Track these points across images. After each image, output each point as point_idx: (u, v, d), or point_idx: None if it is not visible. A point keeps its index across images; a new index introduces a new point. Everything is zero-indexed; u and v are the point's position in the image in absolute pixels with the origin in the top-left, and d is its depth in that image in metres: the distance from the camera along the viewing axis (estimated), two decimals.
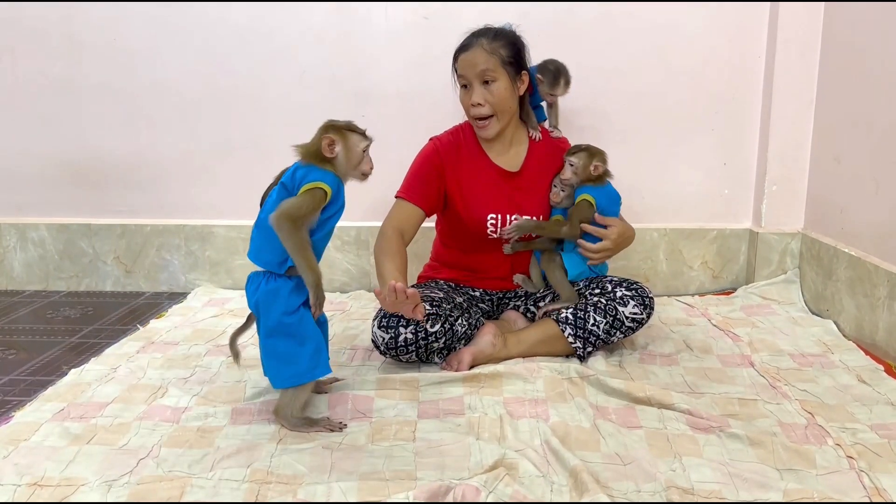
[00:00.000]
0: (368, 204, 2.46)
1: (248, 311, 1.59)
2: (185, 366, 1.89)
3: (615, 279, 1.97)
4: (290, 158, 1.58)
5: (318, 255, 1.52)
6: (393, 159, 2.07)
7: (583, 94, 2.50)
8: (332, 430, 1.52)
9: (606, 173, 1.99)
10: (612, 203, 2.00)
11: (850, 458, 1.39)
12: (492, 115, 1.93)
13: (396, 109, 2.56)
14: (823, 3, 2.34)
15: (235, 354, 1.62)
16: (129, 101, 2.62)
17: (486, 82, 1.89)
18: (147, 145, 2.65)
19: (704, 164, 2.58)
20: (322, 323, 1.60)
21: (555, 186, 2.02)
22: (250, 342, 2.07)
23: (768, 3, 2.43)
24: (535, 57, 2.44)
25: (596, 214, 1.96)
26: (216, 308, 2.42)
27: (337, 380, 1.76)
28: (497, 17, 2.43)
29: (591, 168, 1.94)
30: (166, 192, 2.69)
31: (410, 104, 2.55)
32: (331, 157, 1.50)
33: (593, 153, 1.96)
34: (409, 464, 1.39)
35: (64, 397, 1.70)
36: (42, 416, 1.59)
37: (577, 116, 2.52)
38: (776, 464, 1.38)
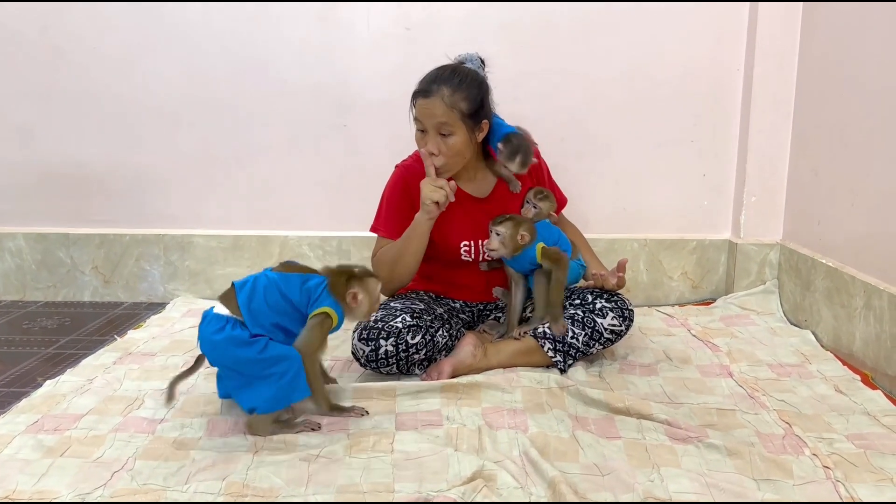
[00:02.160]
0: (349, 214, 2.46)
1: (198, 353, 1.58)
2: (162, 377, 1.87)
3: (596, 290, 1.97)
4: (269, 167, 1.57)
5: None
6: (373, 169, 2.08)
7: (564, 105, 2.53)
8: (312, 430, 1.56)
9: (532, 238, 1.88)
10: (549, 233, 1.95)
11: (827, 468, 1.40)
12: (445, 164, 1.88)
13: (378, 119, 2.56)
14: (801, 17, 2.37)
15: (170, 397, 1.60)
16: (108, 110, 2.60)
17: (443, 134, 1.84)
18: (126, 154, 2.63)
19: (684, 175, 2.60)
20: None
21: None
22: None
23: (747, 17, 2.46)
24: (514, 70, 2.46)
25: (593, 273, 1.96)
26: (195, 319, 2.37)
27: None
28: (477, 30, 2.47)
29: (518, 238, 1.85)
30: (145, 201, 2.67)
31: (392, 114, 2.54)
32: (355, 306, 1.58)
33: (518, 222, 1.87)
34: (387, 476, 1.38)
35: (38, 409, 1.67)
36: (15, 429, 1.57)
37: (559, 128, 2.54)
38: (754, 474, 1.38)
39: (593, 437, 1.52)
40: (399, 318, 1.81)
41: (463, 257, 2.00)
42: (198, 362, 1.60)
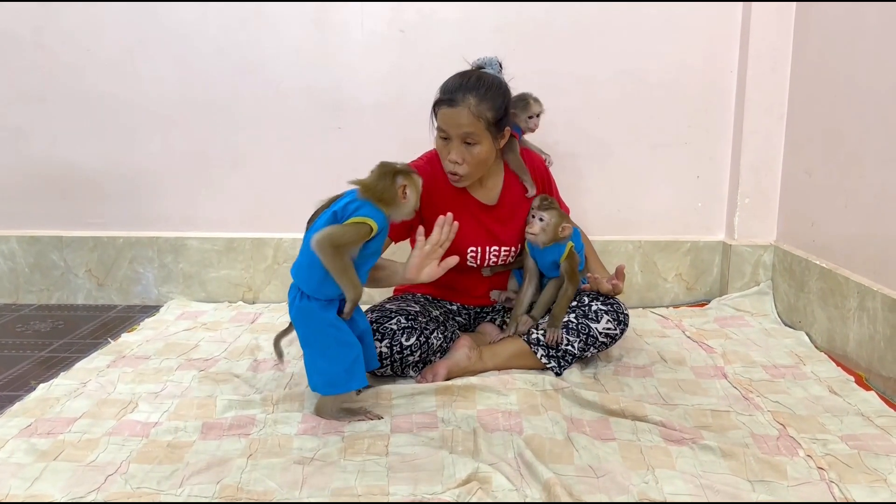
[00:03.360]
0: None
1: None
2: (155, 380, 1.87)
3: (592, 293, 1.96)
4: (264, 170, 1.57)
5: (363, 277, 1.57)
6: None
7: (559, 108, 2.52)
8: (371, 419, 1.61)
9: (569, 235, 1.89)
10: (578, 240, 1.97)
11: (821, 469, 1.40)
12: (469, 172, 1.85)
13: (372, 121, 2.56)
14: (794, 19, 2.38)
15: (279, 354, 1.70)
16: (102, 112, 2.59)
17: (468, 143, 1.81)
18: (120, 156, 2.62)
19: (678, 177, 2.60)
20: (366, 331, 1.67)
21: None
22: (222, 356, 2.06)
23: (740, 18, 2.47)
24: (508, 72, 2.46)
25: (588, 276, 1.96)
26: (189, 321, 2.40)
27: (370, 386, 1.76)
28: (471, 32, 2.47)
29: (560, 229, 1.86)
30: (139, 203, 2.67)
31: (387, 116, 2.55)
32: (403, 201, 1.57)
33: (562, 215, 1.88)
34: (382, 479, 1.38)
35: (31, 413, 1.67)
36: (8, 433, 1.56)
37: (554, 130, 2.53)
38: (748, 475, 1.39)
39: (588, 438, 1.52)
40: (394, 320, 1.80)
41: (469, 263, 1.99)
42: (290, 326, 1.67)
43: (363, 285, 1.57)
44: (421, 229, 1.69)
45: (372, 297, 2.65)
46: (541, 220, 1.87)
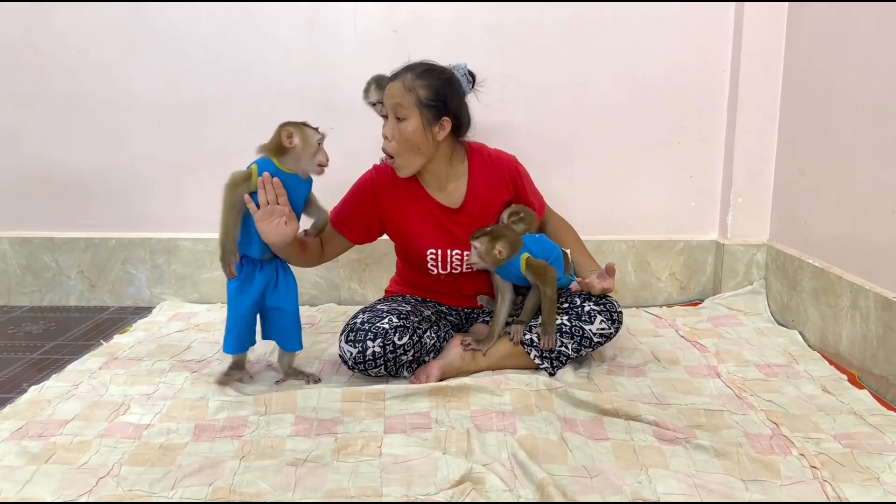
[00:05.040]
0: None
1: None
2: (148, 382, 1.86)
3: (584, 293, 1.96)
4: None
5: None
6: (360, 172, 2.05)
7: (551, 107, 2.53)
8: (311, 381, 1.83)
9: (513, 251, 1.83)
10: (543, 249, 1.91)
11: (814, 468, 1.41)
12: (397, 154, 1.85)
13: (366, 123, 2.54)
14: (787, 18, 2.39)
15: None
16: (93, 113, 2.58)
17: (399, 118, 1.82)
18: (112, 158, 2.61)
19: (671, 176, 2.61)
20: (274, 309, 1.82)
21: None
22: (215, 357, 2.05)
23: (733, 18, 2.47)
24: (501, 73, 2.47)
25: (577, 280, 1.94)
26: (182, 323, 2.39)
27: (282, 380, 1.89)
28: (464, 32, 2.47)
29: (496, 252, 1.81)
30: (131, 204, 2.66)
31: (379, 117, 2.54)
32: (290, 147, 1.68)
33: (496, 236, 1.82)
34: (375, 480, 1.38)
35: (23, 415, 1.66)
36: None
37: (546, 130, 2.54)
38: (741, 475, 1.39)
39: (582, 438, 1.52)
40: (386, 319, 1.80)
41: (429, 265, 1.97)
42: None
43: (266, 253, 1.78)
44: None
45: (366, 298, 2.66)
46: (475, 248, 1.84)
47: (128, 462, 1.44)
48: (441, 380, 1.81)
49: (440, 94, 1.82)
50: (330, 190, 2.00)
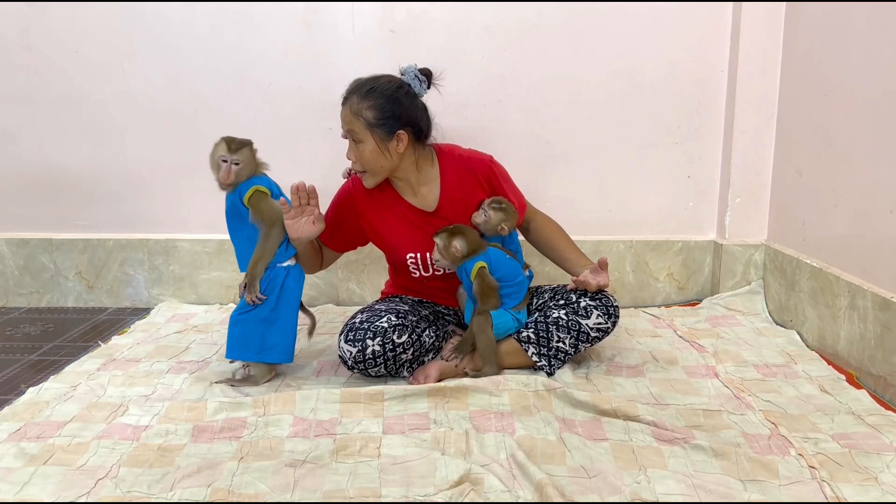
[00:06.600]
0: None
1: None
2: (146, 383, 1.86)
3: (580, 290, 1.95)
4: None
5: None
6: None
7: (550, 107, 2.53)
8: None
9: (471, 251, 1.84)
10: (507, 269, 1.88)
11: (813, 468, 1.41)
12: (364, 171, 1.89)
13: None
14: (784, 18, 2.39)
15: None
16: (91, 114, 2.58)
17: (355, 141, 1.85)
18: (110, 158, 2.61)
19: (669, 177, 2.61)
20: (277, 314, 1.85)
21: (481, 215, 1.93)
22: (213, 358, 2.05)
23: (730, 18, 2.47)
24: (499, 72, 2.47)
25: (572, 279, 1.93)
26: (180, 323, 2.39)
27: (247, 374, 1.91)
28: (462, 32, 2.47)
29: (452, 249, 1.82)
30: (129, 205, 2.65)
31: None
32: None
33: (454, 233, 1.83)
34: (374, 481, 1.38)
35: (21, 417, 1.66)
36: None
37: (544, 130, 2.54)
38: (740, 475, 1.39)
39: (580, 439, 1.52)
40: (384, 318, 1.80)
41: (410, 269, 1.98)
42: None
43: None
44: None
45: (364, 298, 2.66)
46: (436, 245, 1.86)
47: (126, 463, 1.44)
48: (439, 380, 1.81)
49: (387, 111, 1.83)
50: (330, 193, 2.00)
